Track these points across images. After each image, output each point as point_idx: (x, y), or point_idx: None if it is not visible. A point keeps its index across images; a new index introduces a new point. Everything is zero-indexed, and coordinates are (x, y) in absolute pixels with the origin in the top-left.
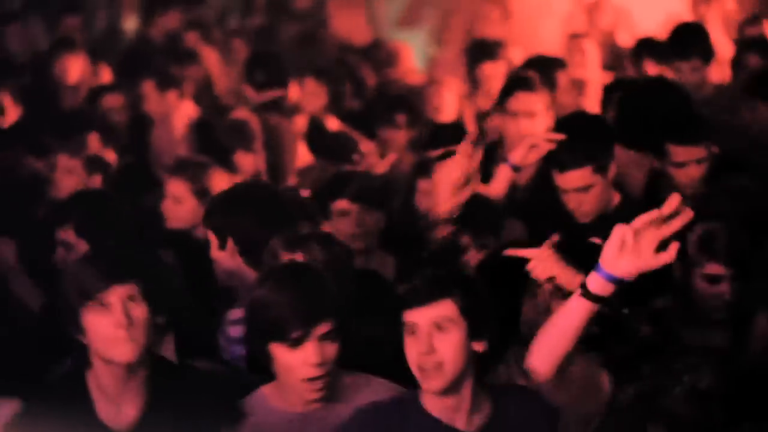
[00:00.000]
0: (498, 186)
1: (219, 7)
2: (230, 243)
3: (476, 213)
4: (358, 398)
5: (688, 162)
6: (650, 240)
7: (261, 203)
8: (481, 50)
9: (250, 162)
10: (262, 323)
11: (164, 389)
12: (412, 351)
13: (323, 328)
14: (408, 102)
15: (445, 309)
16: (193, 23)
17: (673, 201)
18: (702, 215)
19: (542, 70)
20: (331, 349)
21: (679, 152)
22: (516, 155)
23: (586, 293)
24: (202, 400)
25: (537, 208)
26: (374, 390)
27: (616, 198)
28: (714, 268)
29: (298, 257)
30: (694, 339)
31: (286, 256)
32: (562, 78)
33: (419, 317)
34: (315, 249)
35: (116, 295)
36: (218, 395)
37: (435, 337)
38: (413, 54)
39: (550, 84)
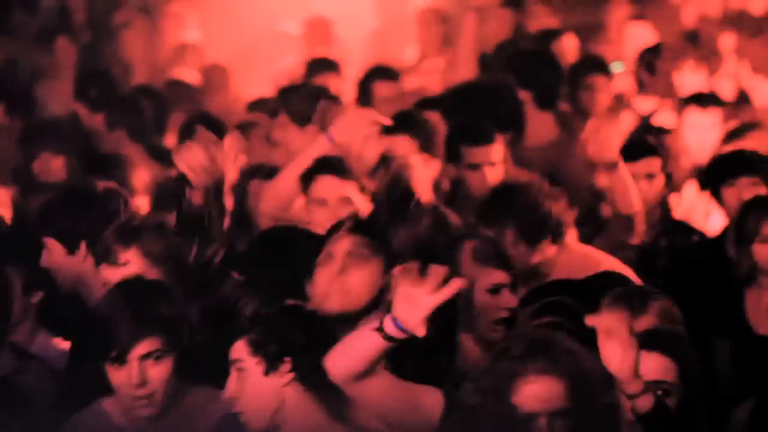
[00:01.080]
0: (311, 153)
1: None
2: (83, 246)
3: None
4: (204, 413)
5: (482, 164)
6: (428, 288)
7: (78, 202)
8: (321, 66)
9: (59, 165)
10: (90, 341)
11: None
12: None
13: (145, 347)
14: (210, 118)
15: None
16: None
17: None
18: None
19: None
20: (158, 369)
21: (470, 154)
22: (335, 130)
23: (381, 330)
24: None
25: None
26: (221, 404)
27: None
28: (494, 276)
29: (134, 251)
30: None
31: (120, 251)
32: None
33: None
34: (151, 240)
35: None
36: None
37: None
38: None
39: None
